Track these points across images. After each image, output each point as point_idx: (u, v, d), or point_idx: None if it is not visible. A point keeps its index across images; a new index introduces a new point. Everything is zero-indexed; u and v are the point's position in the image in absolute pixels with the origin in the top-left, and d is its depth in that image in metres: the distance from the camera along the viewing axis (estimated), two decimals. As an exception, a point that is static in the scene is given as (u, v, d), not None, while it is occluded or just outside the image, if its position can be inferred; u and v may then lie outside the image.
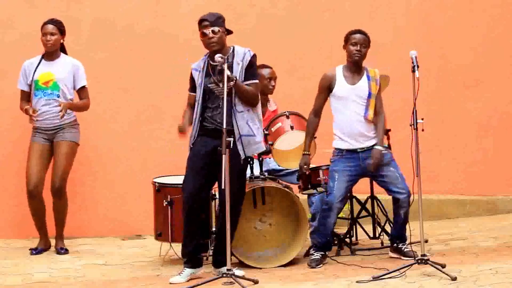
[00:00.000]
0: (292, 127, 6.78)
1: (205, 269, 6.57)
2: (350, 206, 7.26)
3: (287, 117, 6.86)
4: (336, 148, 6.68)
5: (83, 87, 7.43)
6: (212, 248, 6.92)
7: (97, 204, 8.14)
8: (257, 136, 6.30)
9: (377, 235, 7.27)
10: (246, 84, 6.25)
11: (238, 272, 6.14)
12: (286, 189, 6.80)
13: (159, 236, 6.89)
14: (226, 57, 6.17)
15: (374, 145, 6.56)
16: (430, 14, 8.71)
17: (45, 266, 6.92)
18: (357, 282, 5.99)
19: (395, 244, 6.72)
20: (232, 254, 6.41)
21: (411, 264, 6.09)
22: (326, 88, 6.64)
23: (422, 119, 6.13)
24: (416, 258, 6.11)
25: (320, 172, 6.91)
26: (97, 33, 8.21)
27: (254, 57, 6.33)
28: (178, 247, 6.98)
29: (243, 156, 6.26)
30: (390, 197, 6.86)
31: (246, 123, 6.25)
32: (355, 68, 6.62)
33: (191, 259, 6.32)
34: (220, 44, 6.29)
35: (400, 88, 7.18)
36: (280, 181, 7.13)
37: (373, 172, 6.55)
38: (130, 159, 8.21)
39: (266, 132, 6.86)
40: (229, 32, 6.37)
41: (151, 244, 7.49)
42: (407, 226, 6.56)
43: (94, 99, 7.80)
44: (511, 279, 5.78)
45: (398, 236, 6.71)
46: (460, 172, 8.71)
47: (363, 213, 7.30)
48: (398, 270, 6.09)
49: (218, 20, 6.33)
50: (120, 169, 8.20)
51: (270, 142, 6.79)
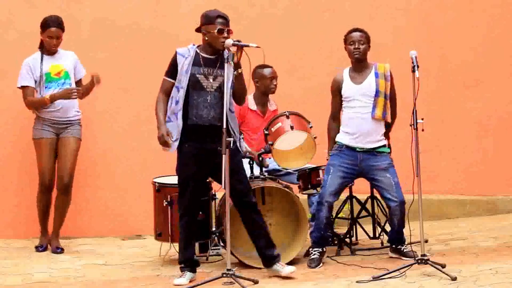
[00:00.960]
0: (292, 127, 6.78)
1: (205, 269, 6.58)
2: (350, 206, 7.27)
3: (287, 117, 6.85)
4: (337, 142, 6.68)
5: (80, 79, 7.55)
6: (213, 248, 6.93)
7: (97, 204, 8.14)
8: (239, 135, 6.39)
9: (377, 235, 7.27)
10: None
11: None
12: (286, 189, 6.80)
13: (159, 236, 6.90)
14: (229, 54, 6.14)
15: (385, 145, 6.61)
16: (430, 14, 8.71)
17: (45, 266, 6.92)
18: (357, 282, 6.00)
19: (393, 246, 6.74)
20: (232, 254, 6.42)
21: (411, 264, 6.09)
22: (337, 92, 6.70)
23: (422, 119, 6.14)
24: (416, 258, 6.11)
25: (320, 172, 6.92)
26: (97, 33, 8.21)
27: None
28: (177, 247, 6.98)
29: (243, 153, 6.40)
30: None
31: (235, 123, 6.28)
32: (361, 66, 6.63)
33: (192, 263, 6.31)
34: None
35: (400, 88, 7.17)
36: (280, 181, 7.13)
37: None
38: (130, 159, 8.21)
39: (266, 132, 6.87)
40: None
41: (151, 244, 7.49)
42: (407, 227, 6.53)
43: (94, 99, 7.81)
44: (511, 279, 5.79)
45: (395, 240, 6.71)
46: (460, 172, 8.71)
47: (363, 213, 7.30)
48: (398, 270, 6.09)
49: (229, 22, 6.32)
50: (120, 169, 8.20)
51: (270, 142, 6.80)
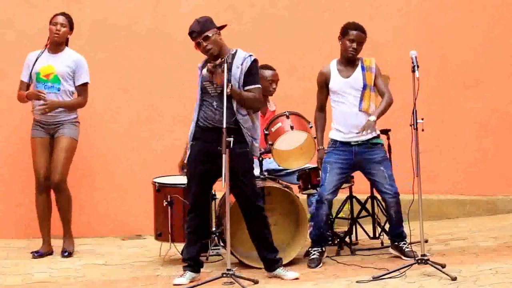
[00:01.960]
0: (292, 127, 6.78)
1: (205, 269, 6.57)
2: (350, 206, 7.27)
3: (287, 117, 6.85)
4: (330, 139, 6.69)
5: (83, 84, 7.38)
6: (213, 248, 6.93)
7: (97, 204, 8.14)
8: (258, 139, 6.34)
9: (377, 235, 7.27)
10: (247, 90, 6.18)
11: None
12: (286, 189, 6.80)
13: (159, 236, 6.89)
14: (226, 57, 6.16)
15: (378, 136, 6.60)
16: (430, 14, 8.71)
17: (45, 266, 6.92)
18: (357, 282, 5.99)
19: (395, 243, 6.72)
20: (232, 254, 6.42)
21: (411, 264, 6.09)
22: (323, 84, 6.71)
23: (422, 119, 6.13)
24: (416, 258, 6.11)
25: (320, 172, 6.91)
26: (97, 33, 8.21)
27: (254, 62, 6.23)
28: (178, 247, 6.99)
29: (256, 156, 6.45)
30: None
31: (251, 126, 6.26)
32: (349, 61, 6.65)
33: (195, 263, 6.31)
34: (217, 46, 6.21)
35: (400, 88, 7.17)
36: (280, 181, 7.13)
37: (360, 132, 6.47)
38: (130, 159, 8.22)
39: (266, 132, 6.86)
40: (221, 27, 6.29)
41: (151, 244, 7.49)
42: (408, 226, 6.53)
43: (94, 99, 7.80)
44: (511, 279, 5.78)
45: (395, 235, 6.71)
46: (460, 172, 8.71)
47: (363, 213, 7.30)
48: (398, 270, 6.09)
49: (206, 24, 6.22)
50: (120, 169, 8.21)
51: (270, 142, 6.80)
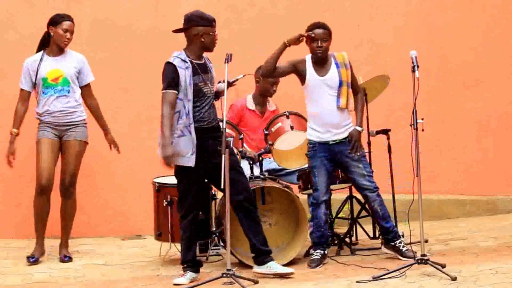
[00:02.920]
0: (292, 127, 6.78)
1: (205, 269, 6.57)
2: (350, 206, 7.26)
3: (287, 117, 6.86)
4: (309, 141, 6.66)
5: (89, 84, 7.33)
6: (213, 248, 6.93)
7: (97, 204, 8.14)
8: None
9: (377, 235, 7.26)
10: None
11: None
12: (286, 189, 6.80)
13: (159, 236, 6.90)
14: (227, 56, 6.21)
15: (353, 128, 6.59)
16: (430, 14, 8.71)
17: (45, 266, 6.92)
18: (357, 282, 5.99)
19: (390, 242, 6.65)
20: (232, 254, 6.42)
21: (411, 264, 6.09)
22: (293, 66, 6.63)
23: (422, 119, 6.13)
24: (416, 258, 6.11)
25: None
26: (97, 33, 8.21)
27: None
28: (178, 247, 6.98)
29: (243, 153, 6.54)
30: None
31: None
32: (321, 59, 6.62)
33: (194, 263, 6.30)
34: None
35: (400, 88, 7.18)
36: (280, 181, 7.13)
37: (353, 154, 6.53)
38: (130, 159, 8.21)
39: (266, 132, 6.87)
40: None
41: (151, 244, 7.49)
42: (408, 226, 6.53)
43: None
44: (511, 279, 5.78)
45: (386, 232, 6.64)
46: (460, 172, 8.71)
47: (363, 213, 7.29)
48: (398, 270, 6.09)
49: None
50: (120, 169, 8.21)
51: (270, 142, 6.80)
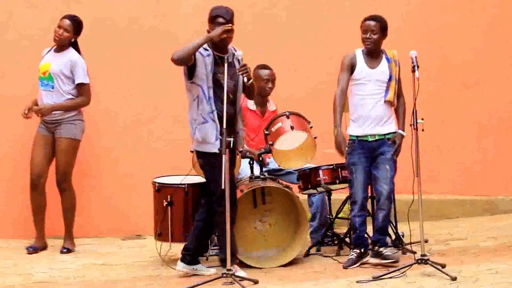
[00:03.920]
0: (292, 127, 6.78)
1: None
2: (350, 206, 7.25)
3: (287, 117, 6.86)
4: (350, 137, 6.59)
5: (80, 84, 7.39)
6: (213, 248, 6.93)
7: (97, 204, 8.14)
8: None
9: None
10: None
11: (241, 273, 6.14)
12: (286, 189, 6.80)
13: (159, 236, 6.89)
14: (227, 56, 6.23)
15: (395, 132, 6.55)
16: (430, 14, 8.71)
17: (45, 266, 6.92)
18: (357, 282, 6.00)
19: (375, 248, 6.50)
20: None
21: (411, 264, 6.09)
22: (350, 67, 6.58)
23: (422, 119, 6.14)
24: (416, 258, 6.11)
25: (320, 172, 6.92)
26: (97, 33, 8.20)
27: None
28: (178, 247, 6.99)
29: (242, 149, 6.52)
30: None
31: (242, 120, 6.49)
32: (374, 52, 6.59)
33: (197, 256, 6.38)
34: None
35: (400, 88, 7.16)
36: (280, 181, 7.13)
37: (395, 156, 6.52)
38: (130, 159, 8.21)
39: (267, 132, 6.87)
40: None
41: (151, 244, 7.47)
42: (408, 226, 6.52)
43: (94, 99, 7.80)
44: (510, 279, 5.78)
45: (376, 241, 6.53)
46: (460, 172, 8.71)
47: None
48: (398, 270, 6.09)
49: (233, 16, 6.34)
50: (120, 169, 8.20)
51: (270, 142, 6.80)
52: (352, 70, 6.58)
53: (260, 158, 6.93)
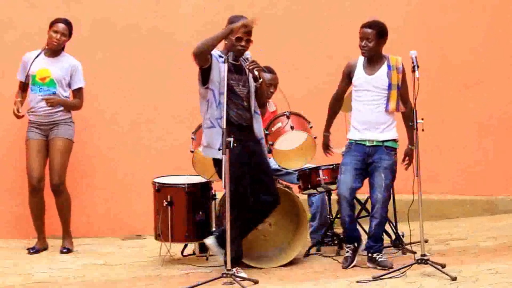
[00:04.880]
0: (292, 127, 6.78)
1: (205, 269, 6.58)
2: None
3: (288, 117, 6.86)
4: (348, 140, 6.60)
5: (79, 88, 7.47)
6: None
7: (97, 204, 8.14)
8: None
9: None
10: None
11: (241, 273, 6.14)
12: (286, 189, 6.80)
13: (159, 236, 6.89)
14: (227, 56, 6.26)
15: (394, 139, 6.53)
16: (430, 14, 8.71)
17: (45, 266, 6.92)
18: (357, 282, 6.00)
19: (369, 254, 6.50)
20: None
21: (411, 264, 6.09)
22: (347, 76, 6.63)
23: (422, 119, 6.13)
24: (416, 258, 6.11)
25: (320, 172, 6.92)
26: (97, 33, 8.21)
27: None
28: (178, 247, 7.00)
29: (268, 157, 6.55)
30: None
31: (260, 127, 6.50)
32: (374, 59, 6.56)
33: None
34: None
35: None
36: (280, 181, 7.13)
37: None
38: (130, 159, 8.21)
39: (267, 132, 6.87)
40: None
41: (151, 244, 7.49)
42: (408, 226, 6.52)
43: (94, 99, 7.82)
44: (510, 279, 5.78)
45: (370, 247, 6.51)
46: (460, 172, 8.71)
47: (363, 213, 7.30)
48: (398, 270, 6.09)
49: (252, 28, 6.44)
50: (120, 169, 8.21)
51: (270, 142, 6.80)
52: (350, 77, 6.61)
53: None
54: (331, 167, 6.95)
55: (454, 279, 5.85)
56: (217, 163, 6.30)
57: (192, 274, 6.48)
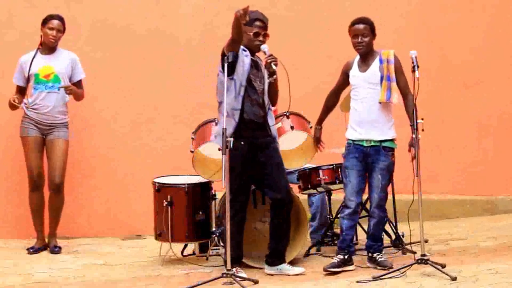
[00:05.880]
0: (292, 127, 6.78)
1: (205, 269, 6.58)
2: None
3: (287, 117, 6.85)
4: (347, 140, 6.56)
5: (80, 80, 7.54)
6: (213, 248, 6.93)
7: (97, 204, 8.14)
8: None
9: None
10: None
11: (241, 273, 6.14)
12: (286, 189, 6.80)
13: (159, 236, 6.89)
14: (227, 55, 6.24)
15: (392, 139, 6.49)
16: (430, 14, 8.71)
17: (45, 266, 6.92)
18: (357, 282, 6.00)
19: (369, 254, 6.52)
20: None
21: (411, 264, 6.09)
22: (344, 73, 6.66)
23: (422, 119, 6.13)
24: (416, 258, 6.11)
25: (320, 172, 6.92)
26: (97, 33, 8.21)
27: None
28: (178, 247, 7.00)
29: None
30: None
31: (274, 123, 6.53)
32: (367, 55, 6.55)
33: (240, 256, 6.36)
34: None
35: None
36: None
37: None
38: (130, 159, 8.22)
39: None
40: None
41: (151, 244, 7.49)
42: (408, 226, 6.52)
43: (94, 99, 7.83)
44: (510, 279, 5.78)
45: (370, 247, 6.51)
46: (460, 172, 8.71)
47: (363, 213, 7.29)
48: (398, 270, 6.09)
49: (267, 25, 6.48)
50: (120, 169, 8.21)
51: (270, 142, 6.79)
52: (347, 76, 6.62)
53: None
54: (331, 167, 6.95)
55: (454, 279, 5.85)
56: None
57: (192, 274, 6.49)
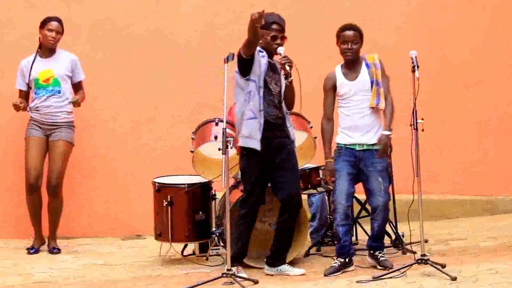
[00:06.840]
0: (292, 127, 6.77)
1: (204, 269, 6.58)
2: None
3: (287, 117, 6.85)
4: (337, 144, 6.52)
5: (81, 81, 7.53)
6: (213, 248, 6.94)
7: (97, 204, 8.14)
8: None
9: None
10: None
11: (241, 273, 6.14)
12: (286, 189, 6.79)
13: (159, 236, 6.89)
14: (228, 55, 6.23)
15: (381, 133, 6.41)
16: (430, 14, 8.71)
17: (45, 266, 6.92)
18: (357, 282, 6.00)
19: (371, 251, 6.51)
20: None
21: (411, 264, 6.09)
22: (331, 88, 6.53)
23: (422, 119, 6.13)
24: (416, 258, 6.11)
25: (320, 172, 6.91)
26: (97, 33, 8.21)
27: None
28: (178, 247, 7.00)
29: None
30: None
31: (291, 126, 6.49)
32: (353, 63, 6.51)
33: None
34: None
35: (400, 88, 7.16)
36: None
37: (380, 157, 6.37)
38: (130, 159, 8.21)
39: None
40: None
41: (151, 244, 7.49)
42: (408, 226, 6.52)
43: (94, 99, 7.82)
44: (510, 279, 5.78)
45: (372, 247, 6.50)
46: (460, 172, 8.71)
47: (363, 213, 7.30)
48: (398, 270, 6.09)
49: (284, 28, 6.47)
50: (120, 169, 8.21)
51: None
52: (335, 89, 6.52)
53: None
54: (331, 167, 6.93)
55: (454, 279, 5.85)
56: (244, 155, 6.23)
57: (192, 274, 6.49)
